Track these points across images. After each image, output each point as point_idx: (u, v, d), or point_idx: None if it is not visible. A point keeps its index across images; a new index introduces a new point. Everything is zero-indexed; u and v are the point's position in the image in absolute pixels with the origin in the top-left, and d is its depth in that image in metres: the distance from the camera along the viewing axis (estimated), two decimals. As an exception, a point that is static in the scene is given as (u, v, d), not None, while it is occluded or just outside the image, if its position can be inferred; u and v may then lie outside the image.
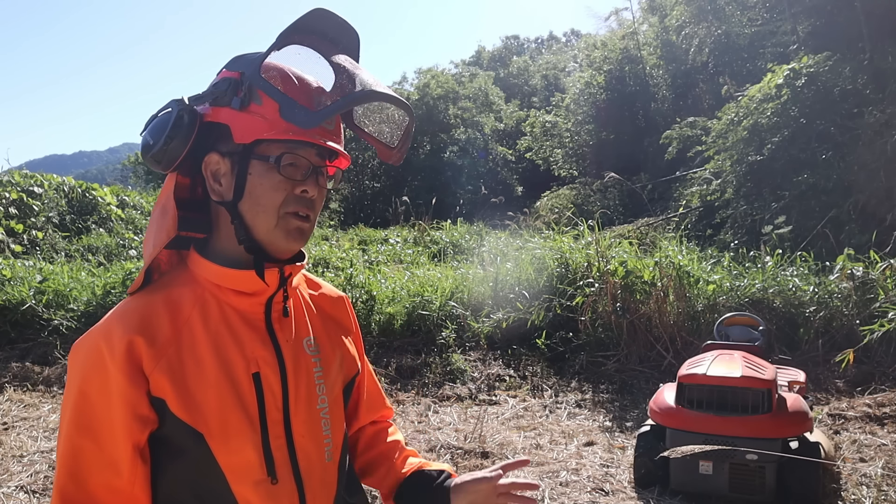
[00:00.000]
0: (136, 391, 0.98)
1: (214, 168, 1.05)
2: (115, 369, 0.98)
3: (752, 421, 3.51)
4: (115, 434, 0.98)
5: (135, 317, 1.01)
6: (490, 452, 4.41)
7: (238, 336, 1.05)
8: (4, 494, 3.94)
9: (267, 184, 1.03)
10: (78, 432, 0.99)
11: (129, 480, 1.00)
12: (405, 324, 6.88)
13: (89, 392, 0.99)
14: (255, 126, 1.00)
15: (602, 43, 23.76)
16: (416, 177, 25.68)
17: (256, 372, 1.04)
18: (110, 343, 0.99)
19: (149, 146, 1.03)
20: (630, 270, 6.24)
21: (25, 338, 7.05)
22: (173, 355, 1.01)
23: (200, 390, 1.01)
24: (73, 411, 1.00)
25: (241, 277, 1.05)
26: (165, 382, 0.99)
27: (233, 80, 1.02)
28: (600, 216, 7.98)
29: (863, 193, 8.51)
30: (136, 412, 0.99)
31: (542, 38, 52.59)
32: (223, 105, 1.02)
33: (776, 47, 15.25)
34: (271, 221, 1.04)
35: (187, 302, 1.05)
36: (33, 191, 11.66)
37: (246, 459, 1.03)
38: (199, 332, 1.03)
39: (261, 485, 1.03)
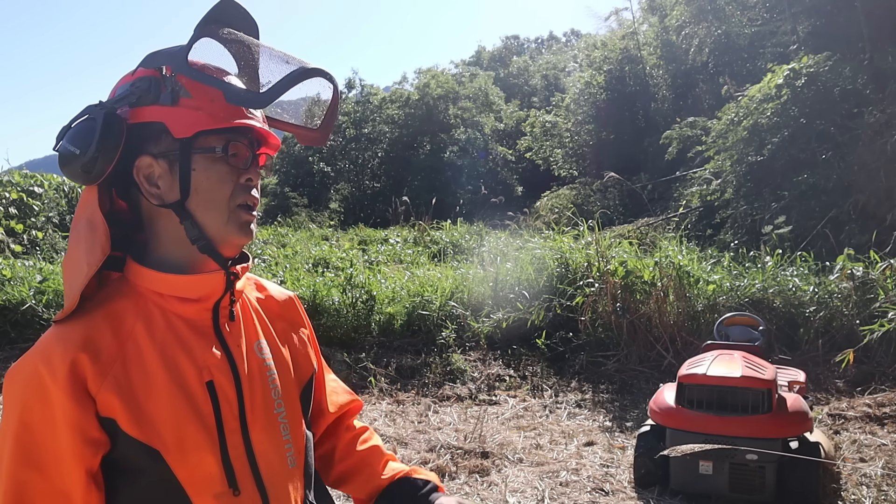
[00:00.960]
0: (84, 413, 0.92)
1: (147, 171, 0.99)
2: (59, 392, 0.91)
3: (752, 421, 3.51)
4: (63, 463, 0.92)
5: (75, 335, 0.94)
6: (490, 452, 4.41)
7: (187, 344, 1.00)
8: (4, 494, 3.95)
9: (214, 177, 0.99)
10: (22, 466, 0.91)
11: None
12: (405, 324, 6.88)
13: (31, 421, 0.91)
14: (193, 119, 0.97)
15: (602, 43, 23.76)
16: (416, 177, 25.69)
17: (210, 380, 0.99)
18: (50, 365, 0.92)
19: (74, 157, 0.95)
20: (630, 270, 6.24)
21: (25, 338, 7.05)
22: (119, 371, 0.95)
23: (152, 405, 0.95)
24: (15, 444, 0.91)
25: (185, 283, 1.01)
26: (114, 400, 0.93)
27: (153, 77, 0.98)
28: (600, 216, 7.98)
29: (863, 193, 8.51)
30: (85, 436, 0.92)
31: (542, 38, 52.57)
32: (148, 104, 0.98)
33: (776, 47, 15.25)
34: (223, 216, 1.00)
35: (129, 315, 0.99)
36: (33, 191, 11.67)
37: (206, 472, 0.98)
38: (144, 344, 0.98)
39: (222, 497, 0.99)
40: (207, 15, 1.01)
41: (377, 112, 28.84)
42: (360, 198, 27.64)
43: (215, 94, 0.98)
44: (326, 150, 28.80)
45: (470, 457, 4.35)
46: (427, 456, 4.39)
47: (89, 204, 0.99)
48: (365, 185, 28.55)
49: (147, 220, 1.03)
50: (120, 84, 1.02)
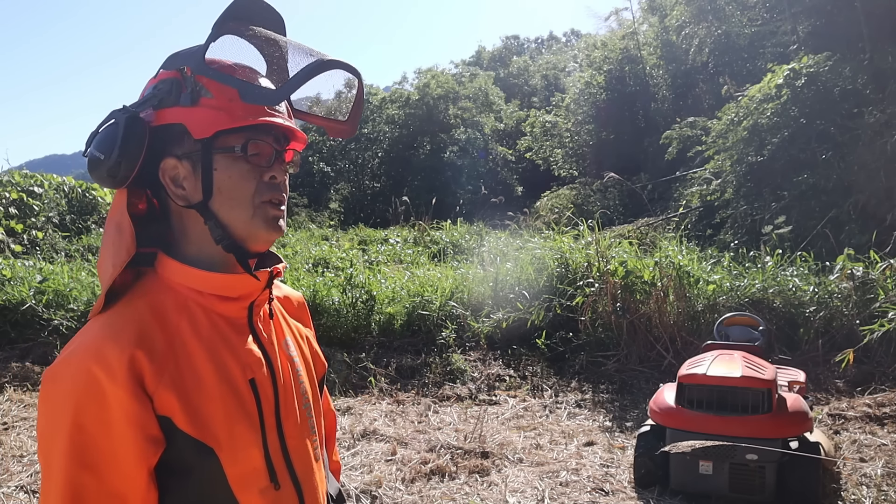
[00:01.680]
0: (145, 411, 0.91)
1: (173, 173, 1.00)
2: (119, 391, 0.90)
3: (752, 421, 3.51)
4: (121, 465, 0.91)
5: (128, 331, 0.93)
6: (490, 452, 4.41)
7: (230, 342, 1.02)
8: (4, 494, 3.94)
9: (236, 175, 0.99)
10: (78, 468, 0.90)
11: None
12: (405, 324, 6.88)
13: (85, 423, 0.90)
14: (212, 119, 0.97)
15: (602, 43, 23.75)
16: (416, 177, 25.69)
17: (252, 378, 1.01)
18: (106, 364, 0.90)
19: (100, 161, 0.97)
20: (630, 270, 6.24)
21: (25, 338, 7.05)
22: (174, 369, 0.95)
23: (204, 402, 0.96)
24: (70, 446, 0.90)
25: (230, 281, 1.02)
26: (171, 398, 0.93)
27: (174, 79, 0.98)
28: (600, 216, 7.99)
29: (863, 193, 8.50)
30: (147, 434, 0.92)
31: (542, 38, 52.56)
32: (170, 105, 0.98)
33: (776, 47, 15.25)
34: (247, 213, 1.00)
35: (171, 310, 0.99)
36: (33, 191, 11.67)
37: (252, 468, 1.00)
38: (191, 342, 0.98)
39: (266, 492, 1.01)
40: (226, 12, 1.00)
41: (377, 112, 28.83)
42: (360, 198, 27.64)
43: (233, 93, 0.97)
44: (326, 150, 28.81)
45: (470, 457, 4.35)
46: (427, 456, 4.39)
47: (118, 207, 1.01)
48: (365, 185, 28.55)
49: (176, 219, 1.04)
50: (146, 87, 1.03)
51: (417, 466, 4.22)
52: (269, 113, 1.00)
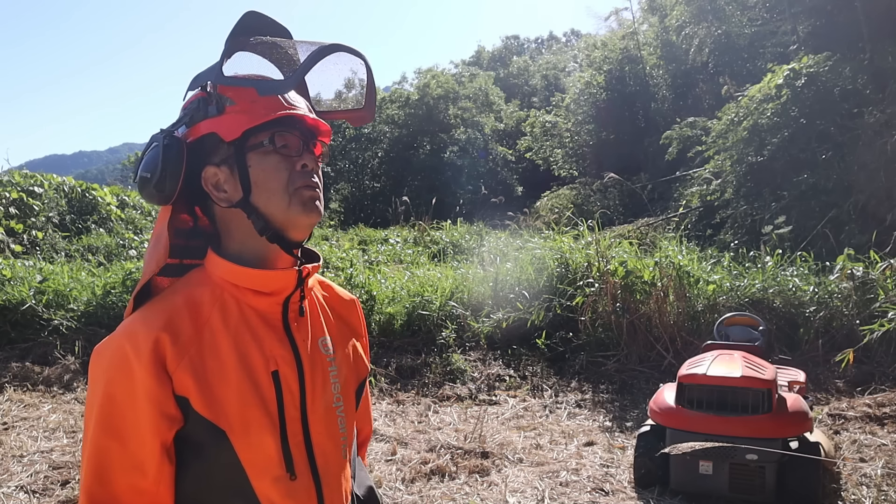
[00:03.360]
0: (162, 389, 1.00)
1: (213, 179, 1.08)
2: (141, 369, 0.99)
3: (752, 421, 3.51)
4: (142, 434, 1.00)
5: (158, 318, 1.03)
6: (490, 452, 4.41)
7: (257, 335, 1.08)
8: (4, 494, 3.94)
9: (269, 168, 1.06)
10: (104, 434, 1.01)
11: (155, 481, 1.02)
12: (405, 324, 6.88)
13: (114, 394, 1.01)
14: (239, 121, 1.05)
15: (602, 43, 23.74)
16: (416, 177, 25.68)
17: (275, 370, 1.07)
18: (135, 343, 1.01)
19: (147, 180, 1.06)
20: (630, 270, 6.24)
21: (25, 338, 7.05)
22: (195, 354, 1.03)
23: (222, 388, 1.03)
24: (99, 414, 1.01)
25: (261, 277, 1.09)
26: (188, 380, 1.01)
27: (201, 97, 1.08)
28: (600, 216, 7.98)
29: (863, 193, 8.50)
30: (163, 411, 1.00)
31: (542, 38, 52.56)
32: (200, 120, 1.07)
33: (776, 47, 15.24)
34: (284, 201, 1.07)
35: (206, 302, 1.07)
36: (33, 191, 11.66)
37: (266, 455, 1.05)
38: (219, 332, 1.06)
39: (280, 481, 1.06)
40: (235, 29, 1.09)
41: (377, 112, 28.79)
42: (360, 198, 27.63)
43: (253, 95, 1.06)
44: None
45: (470, 457, 4.35)
46: (427, 456, 4.39)
47: (161, 221, 1.10)
48: (365, 185, 28.53)
49: (221, 223, 1.12)
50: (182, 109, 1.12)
51: (417, 466, 4.23)
52: (289, 107, 1.08)
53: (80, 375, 6.37)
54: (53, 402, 5.75)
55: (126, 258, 10.34)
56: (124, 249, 10.99)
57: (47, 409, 5.55)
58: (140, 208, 13.70)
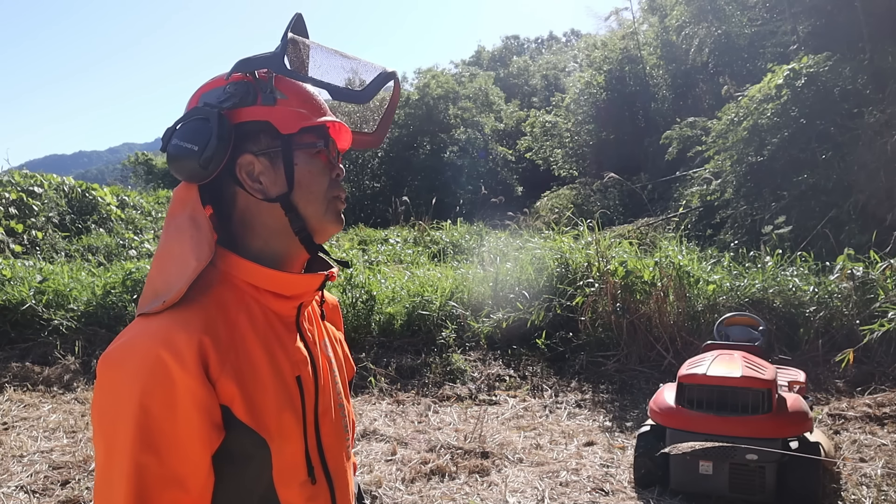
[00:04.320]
0: (210, 398, 0.94)
1: (249, 168, 1.03)
2: (187, 377, 0.92)
3: (752, 421, 3.51)
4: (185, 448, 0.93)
5: (196, 320, 0.96)
6: (490, 452, 4.41)
7: (281, 339, 1.05)
8: (4, 494, 3.95)
9: (315, 171, 1.05)
10: (143, 450, 0.91)
11: (198, 496, 0.95)
12: (405, 324, 6.88)
13: (151, 406, 0.91)
14: (296, 116, 1.03)
15: (602, 43, 23.76)
16: (416, 177, 25.70)
17: (298, 375, 1.05)
18: (176, 350, 0.92)
19: (192, 153, 0.98)
20: (630, 270, 6.24)
21: (25, 338, 7.05)
22: (234, 359, 0.98)
23: (259, 394, 0.99)
24: (136, 428, 0.91)
25: (289, 280, 1.05)
26: (232, 387, 0.96)
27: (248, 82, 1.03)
28: (600, 216, 7.99)
29: (863, 193, 8.50)
30: (212, 420, 0.94)
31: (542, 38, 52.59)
32: (248, 105, 1.02)
33: (776, 47, 15.25)
34: (322, 207, 1.06)
35: (232, 305, 1.02)
36: (33, 191, 11.66)
37: (294, 462, 1.03)
38: (249, 336, 1.01)
39: (304, 486, 1.04)
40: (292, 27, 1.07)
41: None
42: (360, 198, 27.62)
43: (307, 95, 1.05)
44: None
45: (470, 457, 4.35)
46: (427, 456, 4.39)
47: (189, 201, 1.02)
48: (365, 185, 28.53)
49: (242, 214, 1.06)
50: (209, 88, 1.06)
51: (417, 466, 4.23)
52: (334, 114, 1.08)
53: (80, 375, 6.38)
54: (53, 402, 5.75)
55: (126, 258, 10.35)
56: (124, 249, 11.00)
57: (47, 409, 5.55)
58: (140, 208, 13.70)
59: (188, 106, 1.06)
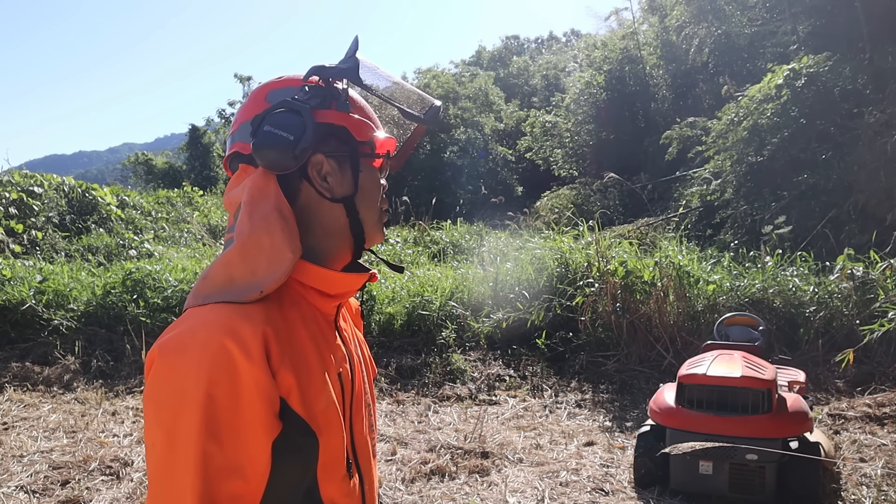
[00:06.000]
0: (273, 388, 0.96)
1: (319, 167, 1.06)
2: (252, 366, 0.93)
3: (752, 421, 3.51)
4: (246, 438, 0.94)
5: (258, 311, 0.98)
6: (490, 452, 4.41)
7: (326, 336, 1.09)
8: (4, 494, 3.94)
9: (374, 180, 1.11)
10: (209, 439, 0.92)
11: (256, 485, 0.96)
12: (405, 324, 6.88)
13: (217, 395, 0.92)
14: (366, 127, 1.09)
15: (602, 43, 23.75)
16: (416, 177, 25.68)
17: (340, 371, 1.09)
18: (241, 340, 0.93)
19: (288, 142, 1.00)
20: (630, 270, 6.24)
21: (25, 338, 7.04)
22: (291, 351, 1.00)
23: (312, 388, 1.02)
24: (203, 417, 0.91)
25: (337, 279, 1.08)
26: (290, 378, 0.98)
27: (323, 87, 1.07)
28: (600, 216, 7.99)
29: (863, 193, 8.50)
30: (273, 409, 0.96)
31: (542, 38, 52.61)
32: (326, 107, 1.06)
33: (776, 47, 15.24)
34: (376, 215, 1.12)
35: (286, 299, 1.05)
36: (33, 191, 11.66)
37: (336, 456, 1.05)
38: (301, 330, 1.04)
39: (343, 481, 1.07)
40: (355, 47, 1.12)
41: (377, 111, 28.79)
42: (360, 198, 27.60)
43: (369, 111, 1.13)
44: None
45: (470, 457, 4.35)
46: (427, 456, 4.39)
47: (272, 193, 1.03)
48: (365, 185, 28.51)
49: (301, 211, 1.07)
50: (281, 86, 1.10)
51: (417, 466, 4.23)
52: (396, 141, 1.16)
53: (80, 375, 6.38)
54: (53, 402, 5.75)
55: (126, 258, 10.34)
56: (124, 249, 11.00)
57: (47, 409, 5.55)
58: (140, 208, 13.69)
59: (253, 98, 1.10)
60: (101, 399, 5.80)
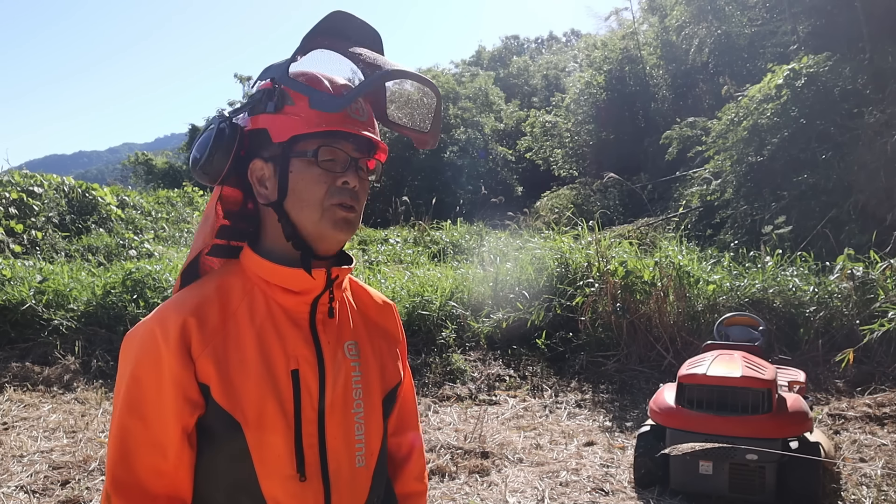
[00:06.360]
0: (186, 373, 1.02)
1: (259, 174, 1.09)
2: (168, 352, 1.02)
3: (752, 421, 3.51)
4: (165, 416, 1.02)
5: (189, 302, 1.06)
6: (490, 452, 4.41)
7: (281, 332, 1.08)
8: (4, 494, 3.94)
9: (308, 178, 1.06)
10: (129, 414, 1.03)
11: (175, 464, 1.03)
12: (405, 324, 6.87)
13: (141, 375, 1.03)
14: (290, 124, 1.05)
15: (602, 43, 23.73)
16: (416, 177, 25.66)
17: (295, 369, 1.07)
18: (164, 326, 1.03)
19: (196, 160, 1.08)
20: (630, 270, 6.24)
21: (25, 338, 7.04)
22: (219, 343, 1.04)
23: (241, 380, 1.04)
24: (126, 394, 1.03)
25: (290, 275, 1.08)
26: (210, 368, 1.03)
27: (266, 88, 1.08)
28: (600, 216, 8.00)
29: (863, 193, 8.50)
30: (186, 395, 1.02)
31: (542, 38, 52.58)
32: (259, 112, 1.07)
33: (776, 47, 15.23)
34: (317, 214, 1.07)
35: (237, 294, 1.09)
36: (33, 191, 11.65)
37: (277, 453, 1.05)
38: (244, 325, 1.07)
39: (289, 481, 1.06)
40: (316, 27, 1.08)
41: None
42: (360, 198, 27.58)
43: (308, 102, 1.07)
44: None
45: (470, 457, 4.35)
46: (427, 456, 4.39)
47: (212, 201, 1.13)
48: (365, 185, 28.49)
49: (262, 216, 1.13)
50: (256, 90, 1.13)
51: (417, 466, 4.22)
52: (345, 122, 1.06)
53: (80, 375, 6.37)
54: (53, 402, 5.75)
55: (126, 258, 10.34)
56: (124, 249, 10.99)
57: (47, 409, 5.55)
58: (140, 208, 13.69)
59: None
60: (101, 399, 5.80)
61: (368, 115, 1.11)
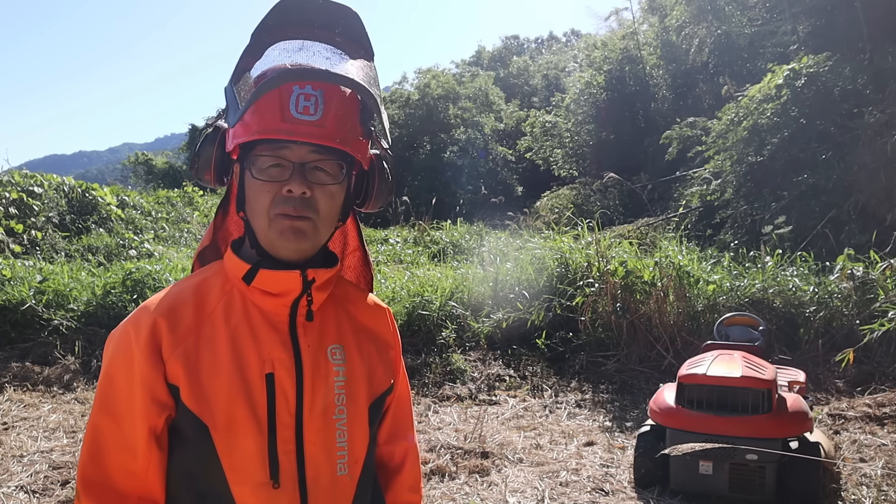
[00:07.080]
0: (156, 374, 1.01)
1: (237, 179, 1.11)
2: (139, 352, 1.01)
3: (752, 421, 3.51)
4: (134, 416, 1.01)
5: (165, 302, 1.05)
6: (490, 452, 4.41)
7: (257, 335, 1.05)
8: (4, 494, 3.94)
9: (254, 189, 1.03)
10: (101, 413, 1.03)
11: (144, 465, 1.02)
12: (405, 324, 6.87)
13: (114, 374, 1.03)
14: (237, 132, 1.02)
15: (602, 43, 23.73)
16: (416, 177, 25.67)
17: (270, 373, 1.03)
18: (137, 326, 1.03)
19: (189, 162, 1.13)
20: (630, 270, 6.24)
21: (25, 338, 7.04)
22: (191, 345, 1.03)
23: (211, 383, 1.01)
24: (99, 393, 1.04)
25: (265, 277, 1.06)
26: (180, 370, 1.01)
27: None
28: (600, 216, 8.00)
29: (863, 193, 8.50)
30: (153, 395, 1.01)
31: (542, 38, 52.55)
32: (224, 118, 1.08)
33: (776, 47, 15.23)
34: (264, 224, 1.03)
35: (214, 295, 1.08)
36: (33, 191, 11.65)
37: (248, 459, 1.01)
38: (219, 327, 1.05)
39: (261, 487, 1.01)
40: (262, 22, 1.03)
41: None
42: (360, 198, 27.57)
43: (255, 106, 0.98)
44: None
45: (470, 457, 4.35)
46: (427, 456, 4.39)
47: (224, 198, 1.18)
48: (365, 185, 28.47)
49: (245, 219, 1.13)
50: None
51: (417, 466, 4.22)
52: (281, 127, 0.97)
53: (79, 375, 6.37)
54: (53, 402, 5.75)
55: (126, 258, 10.34)
56: (124, 249, 10.99)
57: (47, 409, 5.55)
58: (140, 208, 13.70)
59: None
60: (101, 399, 5.80)
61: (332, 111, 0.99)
